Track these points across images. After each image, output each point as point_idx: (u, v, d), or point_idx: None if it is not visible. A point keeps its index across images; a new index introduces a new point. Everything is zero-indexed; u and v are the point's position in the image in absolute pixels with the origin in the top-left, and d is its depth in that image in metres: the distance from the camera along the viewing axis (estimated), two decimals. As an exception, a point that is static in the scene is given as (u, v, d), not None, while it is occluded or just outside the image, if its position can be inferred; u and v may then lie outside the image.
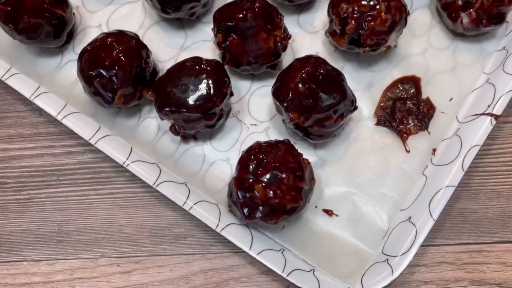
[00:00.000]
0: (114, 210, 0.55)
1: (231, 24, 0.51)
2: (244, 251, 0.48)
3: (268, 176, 0.46)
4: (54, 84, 0.57)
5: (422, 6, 0.59)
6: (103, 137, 0.52)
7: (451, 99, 0.55)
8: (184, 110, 0.49)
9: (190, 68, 0.51)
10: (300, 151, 0.49)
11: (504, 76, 0.53)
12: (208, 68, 0.51)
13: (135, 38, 0.53)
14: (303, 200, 0.46)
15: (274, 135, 0.55)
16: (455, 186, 0.49)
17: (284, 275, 0.47)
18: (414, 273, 0.52)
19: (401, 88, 0.56)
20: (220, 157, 0.55)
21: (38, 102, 0.54)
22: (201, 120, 0.51)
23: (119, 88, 0.51)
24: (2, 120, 0.59)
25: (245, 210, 0.46)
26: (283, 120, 0.53)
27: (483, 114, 0.52)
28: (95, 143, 0.52)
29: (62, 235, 0.55)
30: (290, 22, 0.58)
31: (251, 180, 0.46)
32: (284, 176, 0.45)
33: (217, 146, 0.55)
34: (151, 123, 0.56)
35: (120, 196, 0.56)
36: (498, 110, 0.51)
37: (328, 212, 0.52)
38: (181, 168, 0.54)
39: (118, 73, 0.50)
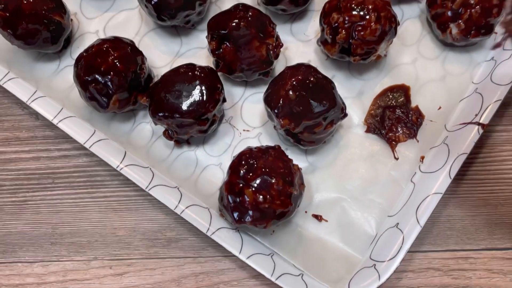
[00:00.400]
0: (108, 213, 0.56)
1: (225, 32, 0.52)
2: (234, 255, 0.49)
3: (258, 181, 0.46)
4: (51, 89, 0.58)
5: (413, 17, 0.60)
6: (97, 141, 0.53)
7: (440, 108, 0.56)
8: (177, 116, 0.50)
9: (184, 74, 0.52)
10: (291, 157, 0.50)
11: (492, 86, 0.54)
12: (202, 74, 0.52)
13: (130, 44, 0.54)
14: (293, 205, 0.47)
15: (266, 141, 0.56)
16: (442, 193, 0.50)
17: (273, 279, 0.48)
18: (401, 279, 0.52)
19: (390, 96, 0.56)
20: (212, 161, 0.56)
21: (35, 106, 0.55)
22: (194, 125, 0.52)
23: (114, 93, 0.52)
24: (0, 123, 0.60)
25: (235, 214, 0.47)
26: (275, 126, 0.54)
27: (470, 123, 0.52)
28: (89, 147, 0.53)
29: (56, 237, 0.56)
30: (283, 31, 0.59)
31: (241, 184, 0.47)
32: (274, 181, 0.46)
33: (210, 151, 0.56)
34: (146, 127, 0.57)
35: (114, 199, 0.57)
36: (485, 119, 0.52)
37: (318, 218, 0.53)
38: (174, 172, 0.55)
39: (113, 79, 0.51)
